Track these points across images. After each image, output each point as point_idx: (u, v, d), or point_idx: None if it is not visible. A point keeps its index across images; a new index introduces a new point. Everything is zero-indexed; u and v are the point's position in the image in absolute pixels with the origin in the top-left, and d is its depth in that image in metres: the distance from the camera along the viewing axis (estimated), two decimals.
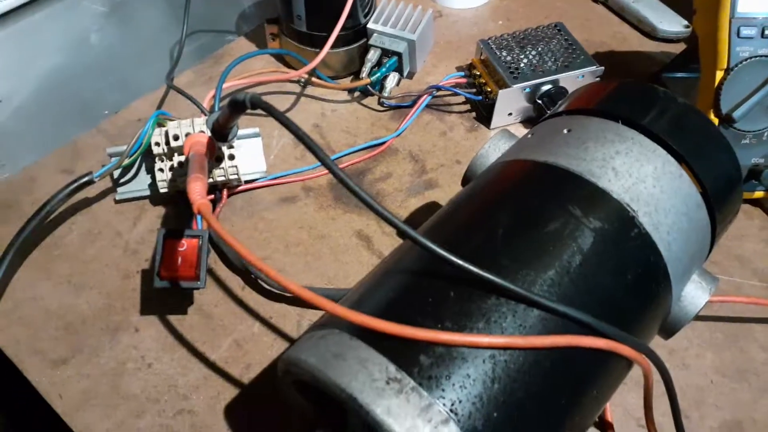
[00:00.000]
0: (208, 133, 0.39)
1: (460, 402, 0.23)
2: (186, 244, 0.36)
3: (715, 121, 0.44)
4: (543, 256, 0.26)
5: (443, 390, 0.23)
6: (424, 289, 0.26)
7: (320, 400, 0.27)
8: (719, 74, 0.43)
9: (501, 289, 0.25)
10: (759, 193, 0.46)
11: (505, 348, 0.24)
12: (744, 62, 0.42)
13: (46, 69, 0.56)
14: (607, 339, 0.25)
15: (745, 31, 0.42)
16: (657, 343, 0.40)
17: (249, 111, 0.32)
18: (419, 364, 0.23)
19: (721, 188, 0.31)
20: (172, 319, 0.40)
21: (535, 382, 0.24)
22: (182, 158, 0.42)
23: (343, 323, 0.25)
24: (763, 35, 0.42)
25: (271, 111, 0.27)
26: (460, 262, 0.24)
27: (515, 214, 0.28)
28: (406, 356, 0.23)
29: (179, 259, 0.35)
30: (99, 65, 0.57)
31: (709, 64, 0.44)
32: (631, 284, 0.27)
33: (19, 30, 0.60)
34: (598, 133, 0.31)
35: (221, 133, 0.37)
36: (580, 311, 0.25)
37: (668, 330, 0.31)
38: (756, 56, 0.42)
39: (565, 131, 0.32)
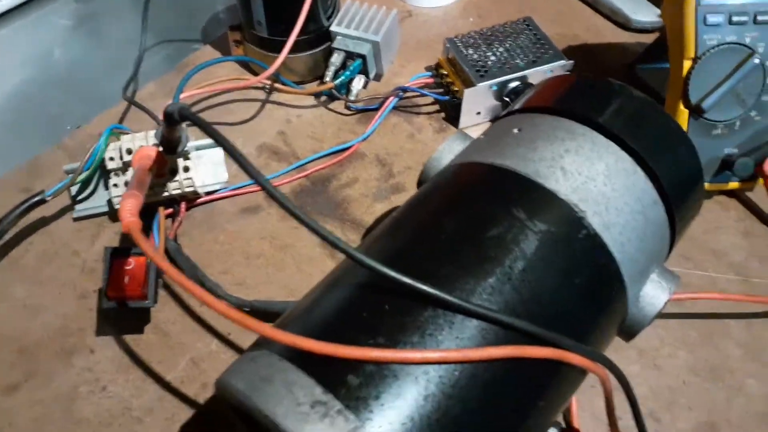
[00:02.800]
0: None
1: (390, 423, 0.21)
2: (133, 262, 0.35)
3: (685, 112, 0.42)
4: (484, 263, 0.25)
5: (371, 411, 0.21)
6: (360, 303, 0.25)
7: (255, 427, 0.26)
8: (687, 64, 0.42)
9: (436, 300, 0.23)
10: (733, 184, 0.44)
11: (439, 363, 0.22)
12: (711, 50, 0.41)
13: (8, 85, 0.55)
14: (552, 348, 0.24)
15: (712, 19, 0.41)
16: (626, 344, 0.39)
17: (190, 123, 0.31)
18: (347, 384, 0.22)
19: (680, 183, 0.30)
20: (129, 338, 0.39)
21: (473, 398, 0.23)
22: None
23: (276, 344, 0.24)
24: (730, 22, 0.41)
25: (199, 123, 0.26)
26: (391, 272, 0.23)
27: (459, 220, 0.27)
28: (333, 377, 0.22)
29: (126, 278, 0.34)
30: (63, 80, 0.56)
31: (677, 54, 0.42)
32: (580, 288, 0.26)
33: None
34: (548, 132, 0.30)
35: (169, 146, 0.36)
36: (521, 319, 0.24)
37: (628, 332, 0.30)
38: (723, 44, 0.41)
39: (515, 131, 0.31)
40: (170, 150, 0.37)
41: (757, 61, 0.41)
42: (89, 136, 0.50)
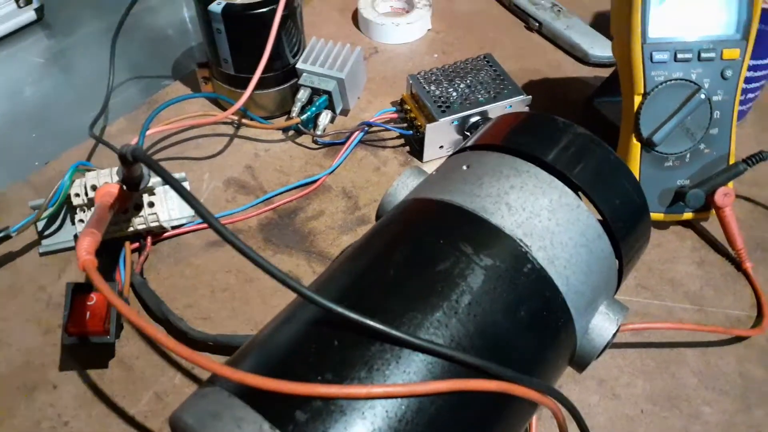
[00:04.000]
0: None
1: None
2: (95, 298, 0.35)
3: (637, 145, 0.44)
4: (431, 297, 0.26)
5: None
6: (310, 339, 0.25)
7: None
8: (637, 99, 0.44)
9: (382, 334, 0.24)
10: (688, 215, 0.46)
11: (385, 397, 0.23)
12: (659, 86, 0.43)
13: None
14: (498, 380, 0.25)
15: (658, 56, 0.42)
16: (586, 374, 0.39)
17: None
18: (295, 420, 0.22)
19: (624, 217, 0.31)
20: (92, 373, 0.39)
21: None
22: None
23: (227, 380, 0.24)
24: (675, 59, 0.43)
25: (150, 164, 0.27)
26: (337, 308, 0.24)
27: (407, 255, 0.28)
28: (281, 413, 0.23)
29: (88, 314, 0.35)
30: (32, 116, 0.56)
31: (628, 89, 0.44)
32: (526, 321, 0.27)
33: None
34: (494, 168, 0.31)
35: (132, 183, 0.37)
36: (467, 353, 0.25)
37: (579, 363, 0.31)
38: (670, 80, 0.43)
39: (464, 167, 0.32)
40: (133, 187, 0.37)
41: (703, 96, 0.43)
42: (56, 173, 0.51)
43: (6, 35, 0.63)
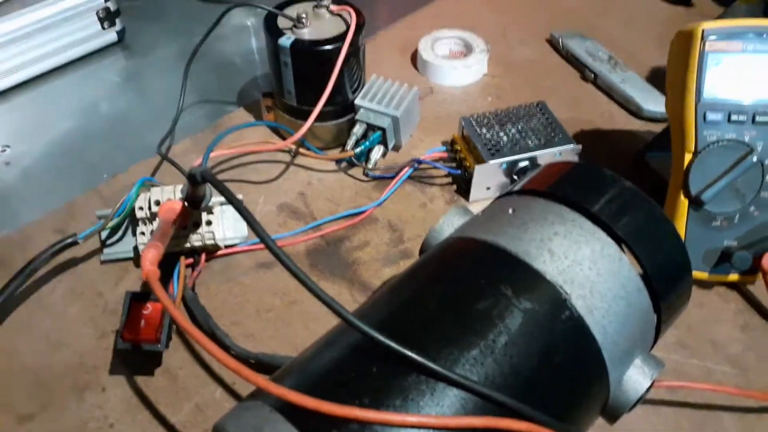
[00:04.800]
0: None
1: None
2: (151, 307, 0.37)
3: (685, 201, 0.44)
4: (469, 335, 0.27)
5: None
6: (350, 364, 0.27)
7: None
8: (688, 156, 0.44)
9: (420, 366, 0.25)
10: (733, 276, 0.45)
11: (418, 427, 0.24)
12: (711, 146, 0.43)
13: (56, 133, 0.60)
14: (529, 422, 0.25)
15: (711, 116, 0.43)
16: (618, 427, 0.39)
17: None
18: None
19: (665, 273, 0.32)
20: (139, 380, 0.41)
21: None
22: None
23: (270, 395, 0.26)
24: (729, 120, 0.43)
25: (218, 186, 0.29)
26: (379, 337, 0.25)
27: (449, 291, 0.29)
28: (319, 431, 0.24)
29: (142, 322, 0.37)
30: (105, 131, 0.60)
31: (679, 146, 0.45)
32: (560, 367, 0.27)
33: (40, 95, 0.64)
34: (540, 214, 0.32)
35: (194, 201, 0.39)
36: (500, 392, 0.25)
37: (611, 414, 0.31)
38: (723, 140, 0.43)
39: (510, 211, 0.33)
40: (194, 205, 0.40)
41: (755, 159, 0.43)
42: (123, 185, 0.54)
43: (88, 54, 0.68)
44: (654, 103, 0.59)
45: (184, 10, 0.76)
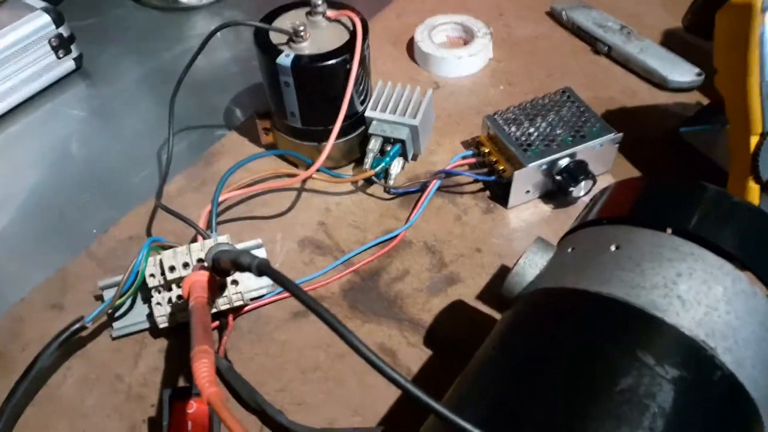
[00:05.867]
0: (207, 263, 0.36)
1: None
2: (195, 405, 0.32)
3: (756, 188, 0.41)
4: (621, 426, 0.22)
5: None
6: None
7: None
8: (754, 139, 0.40)
9: None
10: None
11: None
12: None
13: (27, 188, 0.53)
14: None
15: None
16: None
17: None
18: None
19: None
20: None
21: None
22: (181, 291, 0.39)
23: None
24: None
25: (279, 279, 0.23)
26: None
27: (572, 368, 0.24)
28: None
29: (189, 424, 0.31)
30: (83, 177, 0.53)
31: (741, 129, 0.41)
32: None
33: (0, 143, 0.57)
34: (652, 250, 0.27)
35: (222, 270, 0.34)
36: None
37: None
38: None
39: (612, 248, 0.28)
40: (223, 273, 0.34)
41: None
42: (117, 241, 0.48)
43: (45, 88, 0.60)
44: (680, 72, 0.55)
45: (141, 23, 0.68)
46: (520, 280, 0.31)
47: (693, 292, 0.26)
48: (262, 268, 0.25)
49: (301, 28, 0.44)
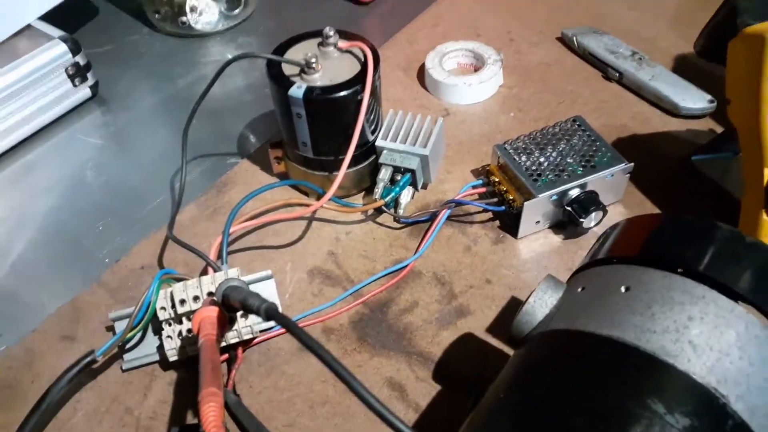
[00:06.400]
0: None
1: None
2: None
3: None
4: None
5: None
6: None
7: None
8: (767, 172, 0.40)
9: None
10: None
11: None
12: None
13: (40, 216, 0.53)
14: None
15: None
16: None
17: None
18: None
19: None
20: None
21: None
22: (191, 324, 0.39)
23: None
24: None
25: (287, 325, 0.23)
26: None
27: (582, 416, 0.24)
28: None
29: None
30: (96, 205, 0.54)
31: (755, 160, 0.40)
32: None
33: (12, 173, 0.57)
34: (662, 293, 0.27)
35: (231, 307, 0.34)
36: None
37: None
38: None
39: (622, 289, 0.28)
40: (232, 310, 0.34)
41: None
42: (129, 271, 0.48)
43: (62, 116, 0.61)
44: (692, 99, 0.55)
45: (156, 50, 0.69)
46: (530, 319, 0.31)
47: (705, 336, 0.25)
48: (270, 313, 0.25)
49: (313, 60, 0.44)
